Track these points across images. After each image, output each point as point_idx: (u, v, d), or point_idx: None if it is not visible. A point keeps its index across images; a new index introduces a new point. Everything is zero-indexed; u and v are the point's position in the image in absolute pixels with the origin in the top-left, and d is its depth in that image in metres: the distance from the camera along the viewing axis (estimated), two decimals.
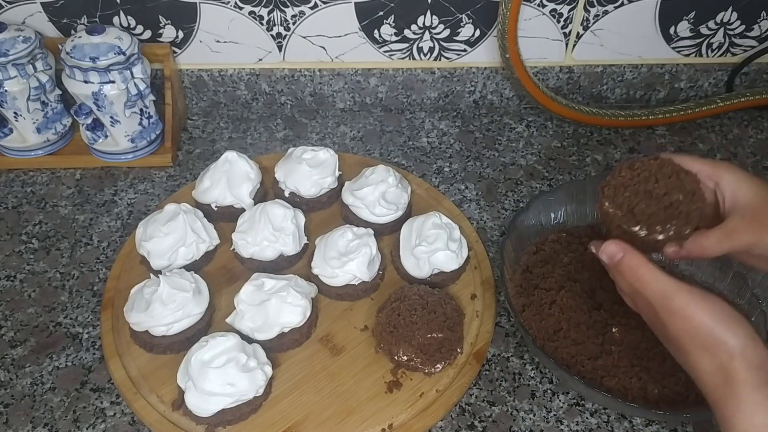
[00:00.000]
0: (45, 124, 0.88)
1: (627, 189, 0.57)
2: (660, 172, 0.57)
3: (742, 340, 0.48)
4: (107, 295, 0.72)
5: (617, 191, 0.57)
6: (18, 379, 0.67)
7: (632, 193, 0.56)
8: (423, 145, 0.95)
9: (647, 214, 0.55)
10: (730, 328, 0.48)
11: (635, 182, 0.57)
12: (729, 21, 0.92)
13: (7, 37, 0.81)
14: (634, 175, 0.57)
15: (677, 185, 0.56)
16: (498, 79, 0.97)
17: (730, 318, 0.49)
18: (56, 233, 0.82)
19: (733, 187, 0.57)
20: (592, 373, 0.65)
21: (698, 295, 0.50)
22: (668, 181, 0.56)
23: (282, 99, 0.99)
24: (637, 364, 0.65)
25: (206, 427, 0.62)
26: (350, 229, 0.73)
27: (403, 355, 0.65)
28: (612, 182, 0.58)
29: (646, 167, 0.57)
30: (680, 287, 0.51)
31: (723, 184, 0.57)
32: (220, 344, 0.61)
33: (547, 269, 0.72)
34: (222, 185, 0.78)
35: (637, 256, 0.54)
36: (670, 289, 0.51)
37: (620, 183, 0.57)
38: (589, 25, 0.92)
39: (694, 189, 0.56)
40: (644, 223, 0.55)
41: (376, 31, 0.91)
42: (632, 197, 0.56)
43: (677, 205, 0.55)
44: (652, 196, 0.56)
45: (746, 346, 0.48)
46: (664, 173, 0.57)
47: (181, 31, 0.91)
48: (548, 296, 0.70)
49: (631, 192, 0.56)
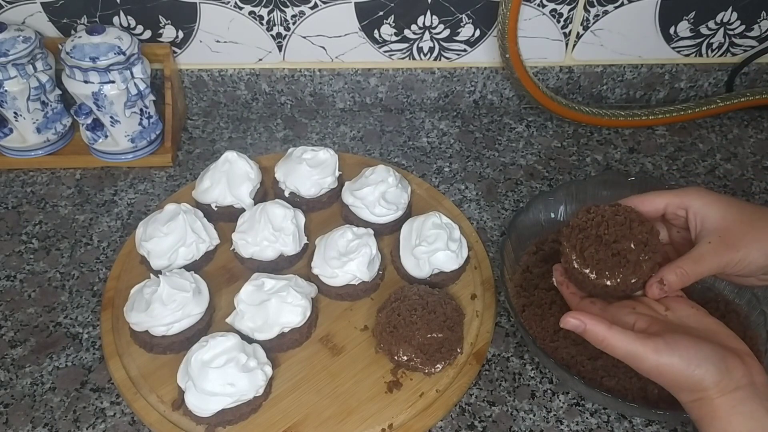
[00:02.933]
0: (45, 124, 0.88)
1: (582, 232, 0.59)
2: (613, 219, 0.58)
3: (714, 375, 0.50)
4: (107, 295, 0.72)
5: (573, 232, 0.59)
6: (18, 379, 0.67)
7: (585, 236, 0.58)
8: (423, 145, 0.95)
9: (596, 259, 0.57)
10: (701, 367, 0.50)
11: (589, 226, 0.59)
12: (729, 21, 0.92)
13: (7, 37, 0.81)
14: (589, 218, 0.59)
15: (627, 234, 0.57)
16: (498, 79, 0.97)
17: (699, 357, 0.51)
18: (56, 233, 0.82)
19: (701, 212, 0.58)
20: (592, 373, 0.65)
21: (664, 347, 0.51)
22: (619, 228, 0.57)
23: (282, 99, 0.99)
24: None
25: (206, 427, 0.62)
26: (350, 229, 0.73)
27: (403, 355, 0.65)
28: (571, 223, 0.60)
29: (601, 212, 0.59)
30: (646, 347, 0.52)
31: (692, 211, 0.59)
32: (220, 344, 0.61)
33: (547, 269, 0.72)
34: (222, 185, 0.78)
35: (598, 324, 0.53)
36: (636, 352, 0.52)
37: (577, 225, 0.59)
38: (589, 25, 0.92)
39: (647, 239, 0.57)
40: (593, 267, 0.57)
41: (376, 31, 0.91)
42: (584, 240, 0.58)
43: (625, 254, 0.56)
44: (602, 241, 0.57)
45: (719, 380, 0.50)
46: (617, 220, 0.58)
47: (181, 31, 0.91)
48: (548, 296, 0.70)
49: (585, 235, 0.58)
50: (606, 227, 0.58)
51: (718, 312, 0.70)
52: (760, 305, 0.69)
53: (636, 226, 0.57)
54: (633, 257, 0.56)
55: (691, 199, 0.59)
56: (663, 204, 0.60)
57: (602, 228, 0.58)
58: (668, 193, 0.60)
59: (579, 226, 0.59)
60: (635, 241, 0.57)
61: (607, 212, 0.59)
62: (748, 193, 0.88)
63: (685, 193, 0.60)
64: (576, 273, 0.59)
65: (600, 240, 0.57)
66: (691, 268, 0.57)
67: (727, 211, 0.58)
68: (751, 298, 0.70)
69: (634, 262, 0.56)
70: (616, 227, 0.57)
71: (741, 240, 0.56)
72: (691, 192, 0.60)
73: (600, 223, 0.58)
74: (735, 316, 0.69)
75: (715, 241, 0.57)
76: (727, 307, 0.70)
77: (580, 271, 0.58)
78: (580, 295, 0.62)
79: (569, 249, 0.59)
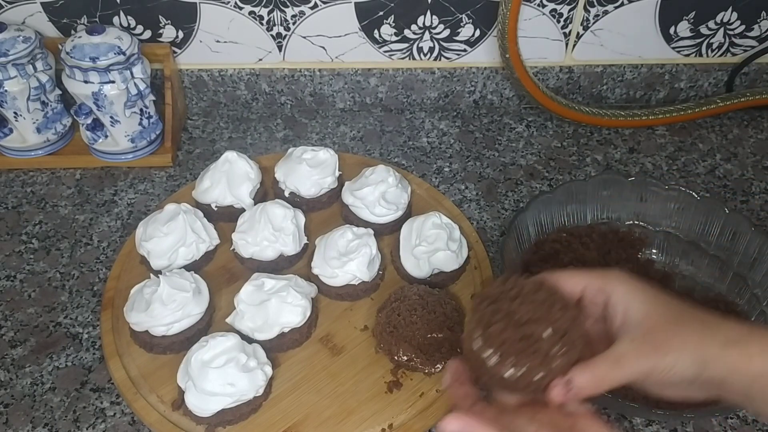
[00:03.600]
0: (45, 124, 0.88)
1: (492, 304, 0.48)
2: (532, 296, 0.47)
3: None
4: (107, 295, 0.72)
5: (482, 303, 0.48)
6: (18, 379, 0.67)
7: (495, 310, 0.47)
8: (423, 145, 0.95)
9: (501, 339, 0.46)
10: None
11: (502, 299, 0.48)
12: (729, 21, 0.92)
13: (7, 37, 0.81)
14: (504, 290, 0.48)
15: (544, 317, 0.46)
16: (498, 79, 0.97)
17: None
18: (56, 233, 0.82)
19: (624, 301, 0.48)
20: None
21: None
22: (537, 308, 0.46)
23: (282, 99, 0.99)
24: None
25: (206, 427, 0.62)
26: (350, 229, 0.73)
27: (403, 355, 0.65)
28: (482, 293, 0.50)
29: (520, 285, 0.48)
30: None
31: (613, 298, 0.49)
32: (220, 344, 0.61)
33: (547, 269, 0.72)
34: (222, 185, 0.78)
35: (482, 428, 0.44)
36: None
37: (488, 296, 0.48)
38: (589, 25, 0.92)
39: (566, 329, 0.46)
40: (496, 349, 0.46)
41: (376, 31, 0.91)
42: (493, 315, 0.47)
43: (535, 340, 0.45)
44: (512, 320, 0.46)
45: None
46: (535, 298, 0.47)
47: (181, 31, 0.91)
48: None
49: (495, 309, 0.47)
50: (521, 303, 0.47)
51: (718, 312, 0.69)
52: (760, 305, 0.69)
53: (557, 310, 0.47)
54: (544, 347, 0.45)
55: (613, 284, 0.49)
56: (581, 285, 0.50)
57: (516, 303, 0.47)
58: (589, 275, 0.50)
59: (490, 298, 0.48)
60: (552, 328, 0.46)
61: (526, 286, 0.48)
62: (748, 193, 0.88)
63: (607, 277, 0.50)
64: (474, 357, 0.47)
65: (511, 317, 0.46)
66: (607, 370, 0.46)
67: (654, 305, 0.48)
68: (750, 298, 0.70)
69: (543, 353, 0.45)
70: (533, 306, 0.46)
71: (669, 342, 0.46)
72: (614, 277, 0.50)
73: (515, 297, 0.47)
74: (735, 316, 0.69)
75: (639, 340, 0.47)
76: (727, 307, 0.70)
77: (478, 355, 0.46)
78: (474, 398, 0.49)
79: (474, 323, 0.47)
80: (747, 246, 0.70)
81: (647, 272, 0.74)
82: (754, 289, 0.70)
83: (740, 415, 0.65)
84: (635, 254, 0.76)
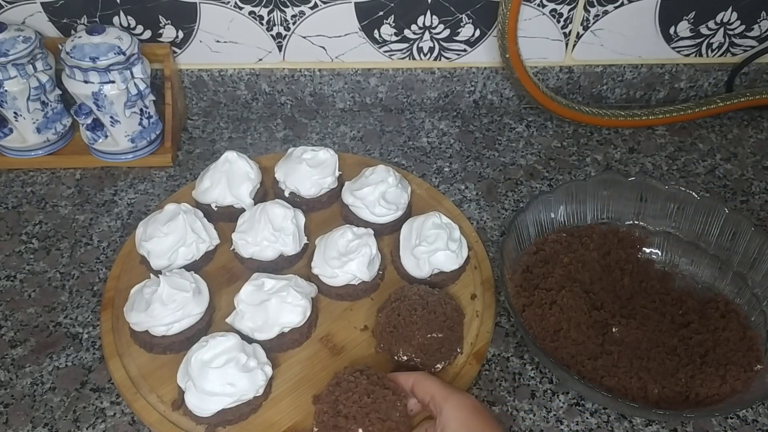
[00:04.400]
0: (45, 124, 0.88)
1: (335, 390, 0.58)
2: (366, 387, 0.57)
3: None
4: (107, 295, 0.72)
5: (327, 389, 0.59)
6: (18, 379, 0.67)
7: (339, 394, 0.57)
8: (423, 145, 0.95)
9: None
10: None
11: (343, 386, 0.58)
12: (729, 21, 0.92)
13: (7, 37, 0.81)
14: (341, 379, 0.58)
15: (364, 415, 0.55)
16: (498, 79, 0.97)
17: None
18: (56, 233, 0.82)
19: (446, 424, 0.54)
20: (592, 373, 0.65)
21: None
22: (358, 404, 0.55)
23: (282, 99, 0.99)
24: (637, 364, 0.65)
25: (206, 427, 0.62)
26: (350, 229, 0.73)
27: (403, 355, 0.65)
28: (322, 392, 0.60)
29: (354, 380, 0.58)
30: None
31: (442, 419, 0.55)
32: (220, 344, 0.61)
33: (547, 269, 0.72)
34: (222, 185, 0.78)
35: None
36: None
37: (333, 383, 0.59)
38: (589, 25, 0.92)
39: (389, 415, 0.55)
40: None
41: (376, 31, 0.91)
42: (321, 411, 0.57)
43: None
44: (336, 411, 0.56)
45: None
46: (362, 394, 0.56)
47: (181, 31, 0.91)
48: (548, 296, 0.70)
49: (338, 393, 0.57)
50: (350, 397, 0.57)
51: (718, 312, 0.70)
52: (760, 305, 0.69)
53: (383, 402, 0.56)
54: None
55: (445, 406, 0.55)
56: (431, 393, 0.57)
57: (343, 398, 0.57)
58: (438, 387, 0.57)
59: (332, 387, 0.59)
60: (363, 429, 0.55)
61: (360, 378, 0.58)
62: (748, 193, 0.88)
63: (446, 399, 0.55)
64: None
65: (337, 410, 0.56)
66: None
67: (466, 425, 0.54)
68: (751, 297, 0.70)
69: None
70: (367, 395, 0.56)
71: None
72: (450, 398, 0.55)
73: (346, 391, 0.57)
74: (735, 316, 0.69)
75: None
76: (727, 306, 0.70)
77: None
78: None
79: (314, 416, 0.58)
80: (747, 246, 0.70)
81: (647, 272, 0.74)
82: (754, 289, 0.70)
83: (740, 415, 0.65)
84: (635, 254, 0.76)
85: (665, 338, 0.68)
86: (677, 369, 0.65)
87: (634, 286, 0.73)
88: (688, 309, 0.71)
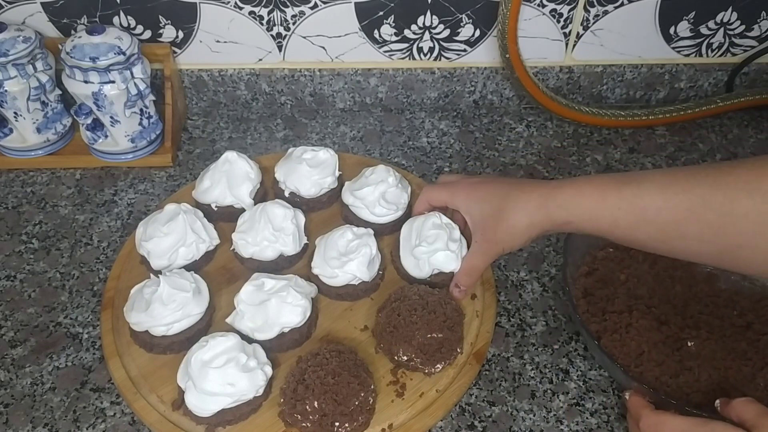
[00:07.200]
0: (45, 124, 0.88)
1: (311, 359, 0.62)
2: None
3: None
4: (107, 295, 0.72)
5: (307, 355, 0.64)
6: (18, 379, 0.67)
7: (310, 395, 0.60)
8: (423, 145, 0.95)
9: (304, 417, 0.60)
10: None
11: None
12: (729, 21, 0.92)
13: (7, 37, 0.81)
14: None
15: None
16: (498, 79, 0.97)
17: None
18: (56, 233, 0.82)
19: (464, 208, 0.65)
20: (678, 392, 0.62)
21: None
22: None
23: (282, 99, 0.99)
24: (716, 375, 0.63)
25: (206, 427, 0.62)
26: (350, 229, 0.73)
27: (403, 355, 0.65)
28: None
29: (328, 358, 0.62)
30: None
31: (461, 211, 0.66)
32: (220, 344, 0.61)
33: (610, 291, 0.70)
34: (222, 185, 0.78)
35: None
36: None
37: (313, 353, 0.64)
38: (589, 25, 0.92)
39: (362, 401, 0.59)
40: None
41: (376, 31, 0.91)
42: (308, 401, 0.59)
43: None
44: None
45: None
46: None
47: (181, 31, 0.91)
48: (622, 319, 0.67)
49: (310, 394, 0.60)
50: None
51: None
52: None
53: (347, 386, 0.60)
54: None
55: (459, 199, 0.65)
56: (441, 203, 0.68)
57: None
58: (446, 191, 0.67)
59: (302, 363, 0.63)
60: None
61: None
62: None
63: (454, 194, 0.65)
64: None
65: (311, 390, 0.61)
66: (466, 280, 0.67)
67: (482, 205, 0.62)
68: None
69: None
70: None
71: (496, 233, 0.61)
72: (458, 192, 0.65)
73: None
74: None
75: (479, 239, 0.63)
76: None
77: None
78: None
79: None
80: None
81: (693, 276, 0.72)
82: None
83: None
84: (678, 259, 0.73)
85: (733, 344, 0.65)
86: (754, 375, 0.63)
87: (686, 293, 0.70)
88: (742, 310, 0.68)
